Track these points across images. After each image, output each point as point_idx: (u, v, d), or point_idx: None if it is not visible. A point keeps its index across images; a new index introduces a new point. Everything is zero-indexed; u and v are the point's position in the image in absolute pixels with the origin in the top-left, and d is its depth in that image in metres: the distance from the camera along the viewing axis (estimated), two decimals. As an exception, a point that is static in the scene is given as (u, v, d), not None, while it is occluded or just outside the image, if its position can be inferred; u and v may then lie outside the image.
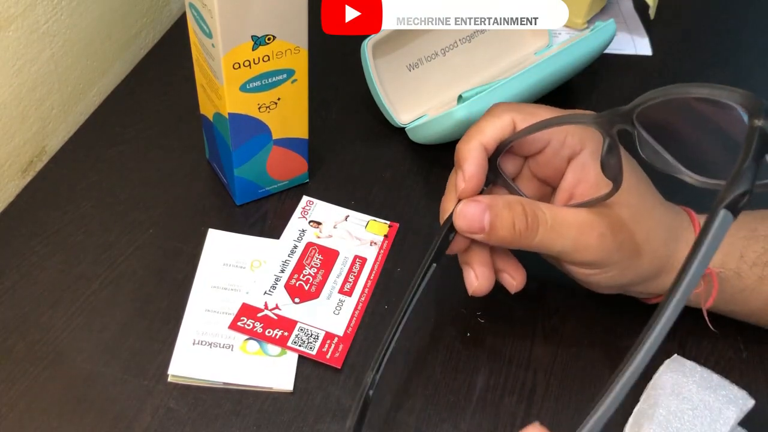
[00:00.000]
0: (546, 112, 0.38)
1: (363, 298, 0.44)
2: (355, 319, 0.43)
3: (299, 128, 0.48)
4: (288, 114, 0.46)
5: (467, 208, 0.36)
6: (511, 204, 0.36)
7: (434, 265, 0.37)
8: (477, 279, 0.39)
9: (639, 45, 0.67)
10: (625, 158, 0.35)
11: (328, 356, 0.41)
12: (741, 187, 0.24)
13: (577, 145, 0.38)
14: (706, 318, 0.40)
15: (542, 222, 0.36)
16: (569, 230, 0.36)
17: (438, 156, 0.54)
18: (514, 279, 0.40)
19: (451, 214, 0.37)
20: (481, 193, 0.38)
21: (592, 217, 0.36)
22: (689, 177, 0.31)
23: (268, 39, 0.41)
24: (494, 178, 0.40)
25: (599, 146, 0.38)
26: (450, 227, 0.37)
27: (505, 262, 0.40)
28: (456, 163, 0.38)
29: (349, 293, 0.45)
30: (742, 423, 0.37)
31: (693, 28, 0.70)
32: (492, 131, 0.38)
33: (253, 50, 0.41)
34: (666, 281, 0.39)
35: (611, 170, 0.34)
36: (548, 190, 0.41)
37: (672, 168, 0.31)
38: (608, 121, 0.33)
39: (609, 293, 0.41)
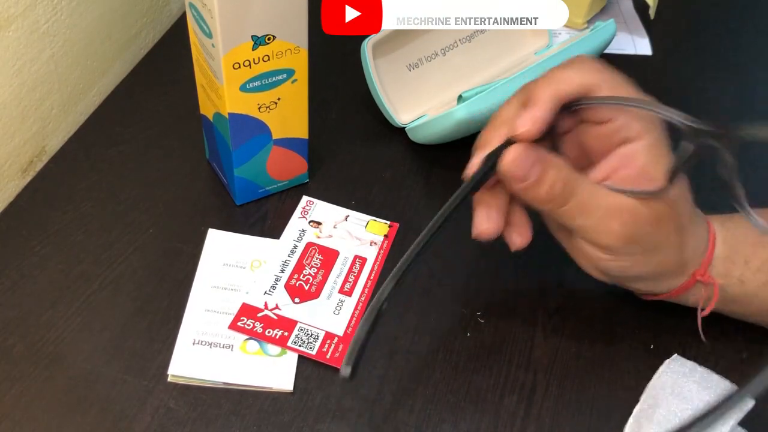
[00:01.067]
0: (630, 89, 0.37)
1: (363, 298, 0.44)
2: (355, 319, 0.43)
3: (299, 128, 0.48)
4: (288, 114, 0.46)
5: (523, 155, 0.35)
6: (559, 166, 0.35)
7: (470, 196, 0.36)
8: (488, 221, 0.38)
9: (639, 45, 0.67)
10: None
11: (328, 356, 0.41)
12: None
13: (637, 132, 0.37)
14: (700, 328, 0.40)
15: (577, 194, 0.35)
16: (597, 210, 0.36)
17: (438, 156, 0.54)
18: (521, 236, 0.39)
19: (498, 150, 0.36)
20: None
21: (624, 205, 0.36)
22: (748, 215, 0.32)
23: (268, 39, 0.41)
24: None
25: (657, 141, 0.37)
26: (492, 164, 0.36)
27: (518, 216, 0.39)
28: (526, 99, 0.36)
29: (349, 293, 0.45)
30: (742, 423, 0.37)
31: (693, 28, 0.70)
32: (578, 84, 0.36)
33: (253, 50, 0.41)
34: (673, 283, 0.40)
35: (674, 173, 0.34)
36: (585, 161, 0.39)
37: (737, 200, 0.32)
38: (699, 133, 0.32)
39: (610, 284, 0.41)
